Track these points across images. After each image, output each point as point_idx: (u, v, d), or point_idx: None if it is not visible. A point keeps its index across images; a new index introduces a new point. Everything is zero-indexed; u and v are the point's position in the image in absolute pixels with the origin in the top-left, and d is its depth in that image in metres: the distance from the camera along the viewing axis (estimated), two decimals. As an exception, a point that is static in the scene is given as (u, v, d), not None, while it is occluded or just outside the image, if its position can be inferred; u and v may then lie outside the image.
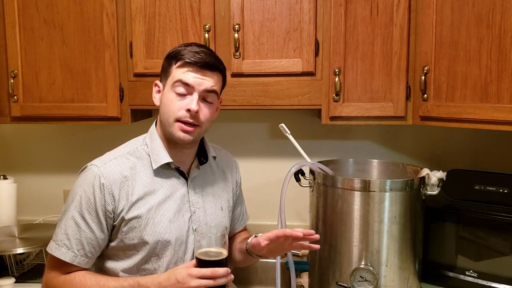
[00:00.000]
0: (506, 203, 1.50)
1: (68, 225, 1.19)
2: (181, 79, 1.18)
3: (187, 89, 1.19)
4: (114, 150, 1.28)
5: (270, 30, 1.57)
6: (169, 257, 1.23)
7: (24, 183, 2.04)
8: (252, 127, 1.94)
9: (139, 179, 1.22)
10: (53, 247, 1.19)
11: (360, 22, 1.55)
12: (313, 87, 1.59)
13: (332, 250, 1.44)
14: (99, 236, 1.19)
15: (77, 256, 1.18)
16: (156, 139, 1.26)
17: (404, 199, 1.38)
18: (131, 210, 1.19)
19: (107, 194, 1.17)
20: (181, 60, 1.19)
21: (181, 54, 1.20)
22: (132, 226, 1.19)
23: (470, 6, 1.37)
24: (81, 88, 1.67)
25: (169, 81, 1.21)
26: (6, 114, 1.72)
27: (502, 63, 1.30)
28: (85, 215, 1.18)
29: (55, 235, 1.21)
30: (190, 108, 1.17)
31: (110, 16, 1.62)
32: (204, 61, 1.18)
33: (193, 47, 1.22)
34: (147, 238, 1.20)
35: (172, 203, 1.24)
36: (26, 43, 1.67)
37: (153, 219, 1.20)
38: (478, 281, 1.48)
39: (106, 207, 1.18)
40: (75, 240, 1.18)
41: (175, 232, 1.23)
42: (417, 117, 1.55)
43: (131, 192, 1.20)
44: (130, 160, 1.23)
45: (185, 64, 1.19)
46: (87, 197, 1.18)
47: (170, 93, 1.20)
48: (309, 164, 1.49)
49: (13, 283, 1.56)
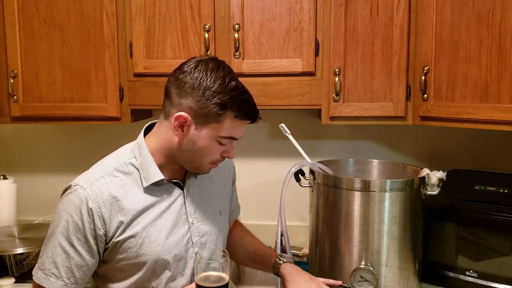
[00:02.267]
0: (506, 203, 1.50)
1: (56, 253, 1.09)
2: (233, 136, 1.12)
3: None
4: (100, 164, 1.17)
5: (270, 30, 1.57)
6: (168, 275, 1.16)
7: (24, 183, 2.03)
8: (252, 127, 1.93)
9: (130, 198, 1.12)
10: (41, 276, 1.09)
11: (360, 22, 1.55)
12: (313, 87, 1.59)
13: (332, 250, 1.44)
14: (89, 262, 1.11)
15: (67, 285, 1.09)
16: (145, 153, 1.14)
17: (404, 199, 1.38)
18: (125, 231, 1.10)
19: (96, 218, 1.07)
20: (239, 117, 1.09)
21: (242, 109, 1.09)
22: (127, 247, 1.11)
23: (470, 6, 1.37)
24: (81, 88, 1.67)
25: (214, 128, 1.09)
26: (6, 114, 1.72)
27: (502, 63, 1.30)
28: (73, 241, 1.08)
29: (42, 263, 1.11)
30: (229, 157, 1.16)
31: (110, 16, 1.62)
32: (257, 117, 1.13)
33: (244, 93, 1.11)
34: (144, 258, 1.12)
35: (168, 217, 1.15)
36: (26, 43, 1.67)
37: (149, 237, 1.12)
38: (478, 281, 1.48)
39: (97, 231, 1.08)
40: (64, 268, 1.09)
41: (173, 249, 1.15)
42: (417, 117, 1.54)
43: (123, 212, 1.10)
44: (118, 177, 1.13)
45: (241, 119, 1.10)
46: (74, 222, 1.07)
47: (212, 141, 1.11)
48: (309, 164, 1.49)
49: (13, 283, 1.56)
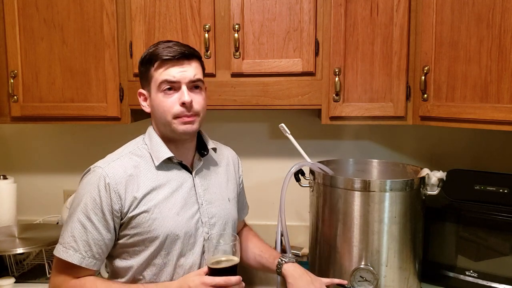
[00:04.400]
0: (506, 203, 1.49)
1: (75, 228, 1.18)
2: (165, 79, 1.19)
3: (174, 85, 1.20)
4: (115, 152, 1.29)
5: (270, 30, 1.57)
6: (179, 251, 1.23)
7: (24, 183, 2.03)
8: (252, 127, 1.94)
9: (143, 176, 1.23)
10: (60, 250, 1.19)
11: (360, 22, 1.54)
12: (313, 87, 1.59)
13: (332, 250, 1.44)
14: (106, 237, 1.19)
15: (85, 258, 1.18)
16: (154, 137, 1.27)
17: (404, 199, 1.38)
18: (138, 206, 1.20)
19: (113, 193, 1.18)
20: (157, 61, 1.20)
21: (155, 54, 1.20)
22: (140, 222, 1.20)
23: (470, 6, 1.37)
24: (81, 88, 1.67)
25: (153, 84, 1.22)
26: (6, 114, 1.72)
27: (502, 63, 1.30)
28: (91, 217, 1.18)
29: (62, 238, 1.20)
30: (184, 101, 1.19)
31: (110, 16, 1.62)
32: (180, 52, 1.19)
33: (163, 44, 1.22)
34: (156, 233, 1.20)
35: (179, 196, 1.25)
36: (26, 43, 1.67)
37: (161, 213, 1.21)
38: (478, 281, 1.48)
39: (113, 206, 1.18)
40: (82, 242, 1.18)
41: (184, 226, 1.23)
42: (417, 117, 1.54)
43: (137, 189, 1.20)
44: (133, 159, 1.25)
45: (163, 62, 1.20)
46: (92, 198, 1.18)
47: (158, 95, 1.21)
48: (309, 164, 1.49)
49: (13, 283, 1.56)
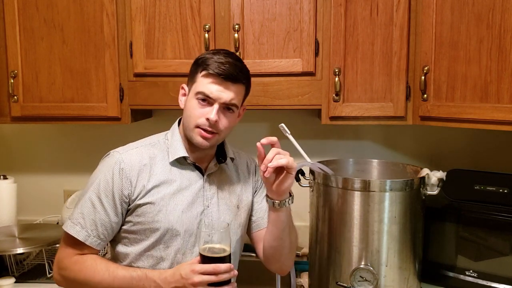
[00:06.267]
0: (506, 203, 1.49)
1: (85, 205, 1.23)
2: (203, 91, 1.21)
3: (208, 99, 1.21)
4: (137, 141, 1.34)
5: (270, 30, 1.57)
6: (177, 247, 1.25)
7: (24, 183, 2.03)
8: (252, 127, 1.94)
9: (156, 168, 1.26)
10: (68, 225, 1.23)
11: (360, 22, 1.55)
12: (313, 87, 1.59)
13: (332, 250, 1.44)
14: (112, 220, 1.23)
15: (90, 236, 1.22)
16: (176, 135, 1.31)
17: (404, 199, 1.38)
18: (146, 196, 1.23)
19: (125, 178, 1.22)
20: (206, 70, 1.21)
21: (207, 63, 1.21)
22: (145, 211, 1.23)
23: (470, 6, 1.37)
24: (81, 88, 1.67)
25: (194, 88, 1.24)
26: (6, 114, 1.72)
27: (502, 63, 1.30)
28: (101, 197, 1.22)
29: (72, 214, 1.25)
30: (209, 118, 1.20)
31: (110, 16, 1.62)
32: (227, 74, 1.19)
33: (220, 56, 1.22)
34: (157, 225, 1.23)
35: (187, 194, 1.27)
36: (26, 43, 1.67)
37: (166, 207, 1.24)
38: (478, 281, 1.48)
39: (123, 191, 1.22)
40: (89, 220, 1.22)
41: (186, 223, 1.25)
42: (417, 117, 1.55)
43: (148, 179, 1.24)
44: (150, 150, 1.29)
45: (209, 75, 1.21)
46: (105, 180, 1.22)
47: (193, 100, 1.23)
48: (309, 164, 1.49)
49: (13, 283, 1.56)
